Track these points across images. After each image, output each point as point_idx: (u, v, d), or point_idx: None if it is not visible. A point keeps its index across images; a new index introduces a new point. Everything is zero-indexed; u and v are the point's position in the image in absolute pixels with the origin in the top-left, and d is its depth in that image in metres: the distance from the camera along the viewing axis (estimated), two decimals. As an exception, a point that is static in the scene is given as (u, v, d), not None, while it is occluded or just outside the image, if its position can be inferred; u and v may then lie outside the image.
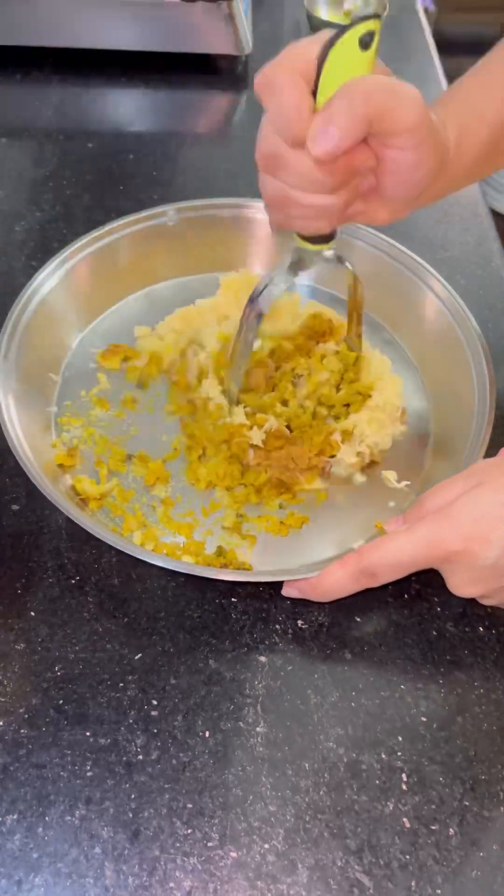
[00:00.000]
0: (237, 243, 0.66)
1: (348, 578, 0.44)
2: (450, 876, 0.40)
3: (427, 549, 0.41)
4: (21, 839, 0.40)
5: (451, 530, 0.41)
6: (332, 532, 0.53)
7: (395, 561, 0.42)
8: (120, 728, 0.44)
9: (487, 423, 0.52)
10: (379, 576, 0.43)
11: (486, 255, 0.70)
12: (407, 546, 0.42)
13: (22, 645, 0.46)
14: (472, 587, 0.43)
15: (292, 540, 0.52)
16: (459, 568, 0.42)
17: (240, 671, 0.46)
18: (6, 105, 0.83)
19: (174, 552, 0.50)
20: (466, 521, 0.41)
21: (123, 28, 0.82)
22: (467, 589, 0.43)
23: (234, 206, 0.65)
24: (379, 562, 0.43)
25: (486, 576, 0.41)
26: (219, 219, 0.65)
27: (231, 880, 0.39)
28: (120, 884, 0.39)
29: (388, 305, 0.64)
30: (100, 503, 0.53)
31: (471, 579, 0.42)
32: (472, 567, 0.41)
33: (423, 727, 0.44)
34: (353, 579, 0.44)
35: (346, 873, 0.40)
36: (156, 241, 0.64)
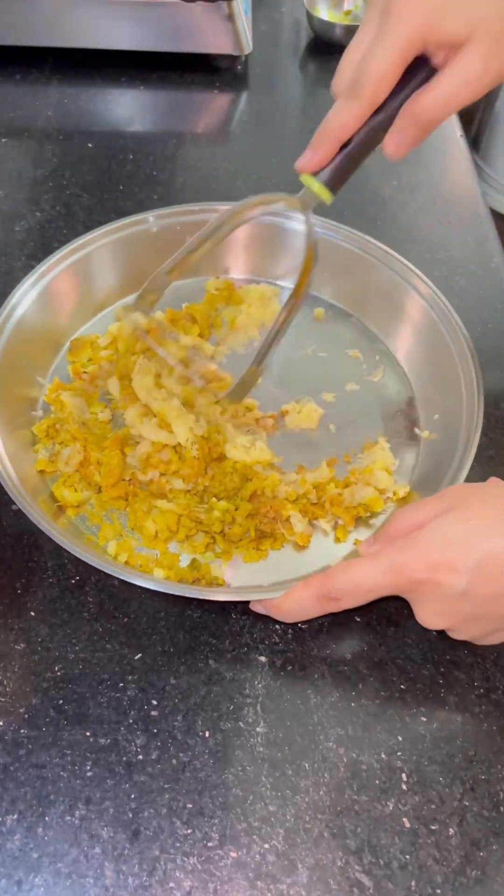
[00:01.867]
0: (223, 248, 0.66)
1: (311, 601, 0.43)
2: (450, 876, 0.40)
3: (391, 577, 0.40)
4: (21, 839, 0.40)
5: (416, 558, 0.39)
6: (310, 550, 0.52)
7: (359, 587, 0.41)
8: (120, 728, 0.44)
9: (476, 424, 0.52)
10: (342, 601, 0.43)
11: (486, 255, 0.70)
12: (371, 572, 0.41)
13: (22, 645, 0.46)
14: (439, 619, 0.41)
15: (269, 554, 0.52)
16: (425, 598, 0.41)
17: (240, 671, 0.46)
18: (6, 105, 0.83)
19: (147, 564, 0.50)
20: (432, 549, 0.39)
21: (123, 28, 0.82)
22: (434, 621, 0.42)
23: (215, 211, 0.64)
24: (342, 587, 0.42)
25: (452, 607, 0.40)
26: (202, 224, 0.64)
27: (231, 880, 0.39)
28: (120, 884, 0.39)
29: (371, 305, 0.64)
30: (77, 511, 0.52)
31: (437, 610, 0.41)
32: (439, 597, 0.40)
33: (423, 727, 0.44)
34: (316, 602, 0.43)
35: (346, 873, 0.40)
36: (137, 249, 0.63)
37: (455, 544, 0.39)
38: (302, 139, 0.57)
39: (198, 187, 0.75)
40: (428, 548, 0.39)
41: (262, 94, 0.87)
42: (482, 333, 0.62)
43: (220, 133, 0.84)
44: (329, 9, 0.94)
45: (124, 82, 0.86)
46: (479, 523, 0.39)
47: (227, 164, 0.77)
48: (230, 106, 0.86)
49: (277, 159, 0.78)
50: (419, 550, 0.40)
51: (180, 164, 0.78)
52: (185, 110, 0.85)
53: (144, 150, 0.78)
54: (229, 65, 0.88)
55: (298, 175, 0.46)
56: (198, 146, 0.81)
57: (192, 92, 0.86)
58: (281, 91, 0.88)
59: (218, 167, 0.77)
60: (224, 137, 0.83)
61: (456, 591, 0.39)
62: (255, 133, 0.82)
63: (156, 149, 0.79)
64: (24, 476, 0.51)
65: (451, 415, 0.55)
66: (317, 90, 0.89)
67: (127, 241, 0.63)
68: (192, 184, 0.76)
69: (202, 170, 0.77)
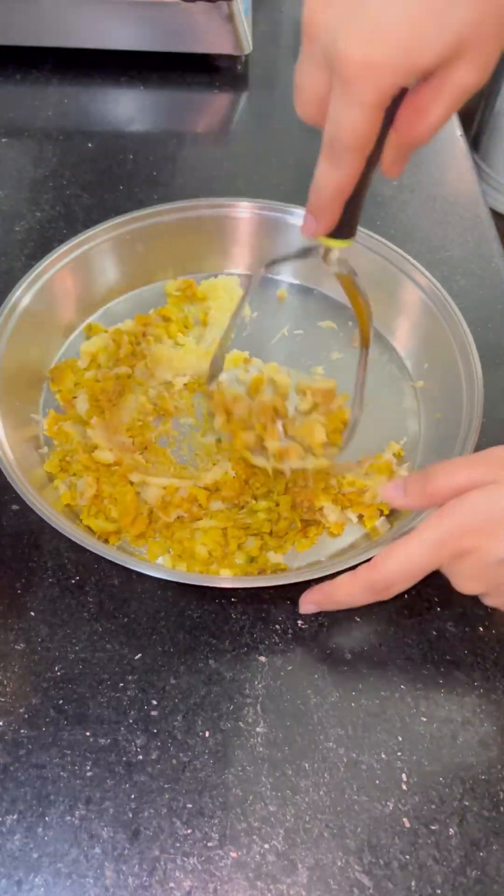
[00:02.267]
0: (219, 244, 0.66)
1: (361, 592, 0.43)
2: (450, 876, 0.40)
3: (437, 549, 0.40)
4: (21, 839, 0.40)
5: (461, 526, 0.40)
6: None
7: (407, 569, 0.42)
8: (120, 728, 0.44)
9: (476, 416, 0.52)
10: (392, 588, 0.43)
11: (486, 255, 0.70)
12: (416, 551, 0.41)
13: (22, 645, 0.46)
14: (476, 583, 0.42)
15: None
16: (466, 564, 0.41)
17: (240, 671, 0.46)
18: (6, 105, 0.83)
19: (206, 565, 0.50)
20: (478, 517, 0.40)
21: (123, 28, 0.82)
22: (471, 584, 0.42)
23: (215, 206, 0.64)
24: (390, 574, 0.42)
25: (490, 573, 0.41)
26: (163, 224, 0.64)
27: (231, 880, 0.39)
28: (120, 884, 0.39)
29: (383, 310, 0.63)
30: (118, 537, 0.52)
31: (475, 575, 0.41)
32: (479, 563, 0.40)
33: (422, 727, 0.44)
34: (368, 593, 0.43)
35: (346, 873, 0.40)
36: (139, 245, 0.64)
37: (499, 513, 0.39)
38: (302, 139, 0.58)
39: (198, 187, 0.75)
40: (473, 515, 0.40)
41: (262, 94, 0.87)
42: (482, 333, 0.62)
43: (220, 133, 0.84)
44: (329, 9, 0.94)
45: (124, 82, 0.86)
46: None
47: (227, 164, 0.77)
48: (230, 106, 0.86)
49: (277, 159, 0.78)
50: (463, 518, 0.40)
51: (180, 164, 0.78)
52: (185, 110, 0.85)
53: (144, 150, 0.78)
54: (229, 65, 0.88)
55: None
56: (198, 146, 0.81)
57: (192, 92, 0.86)
58: (281, 91, 0.88)
59: (218, 167, 0.77)
60: (224, 137, 0.83)
61: (495, 558, 0.39)
62: (255, 133, 0.82)
63: (156, 149, 0.79)
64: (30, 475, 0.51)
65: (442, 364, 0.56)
66: (317, 90, 0.89)
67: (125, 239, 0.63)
68: (192, 184, 0.76)
69: (202, 170, 0.77)
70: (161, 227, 0.64)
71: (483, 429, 0.52)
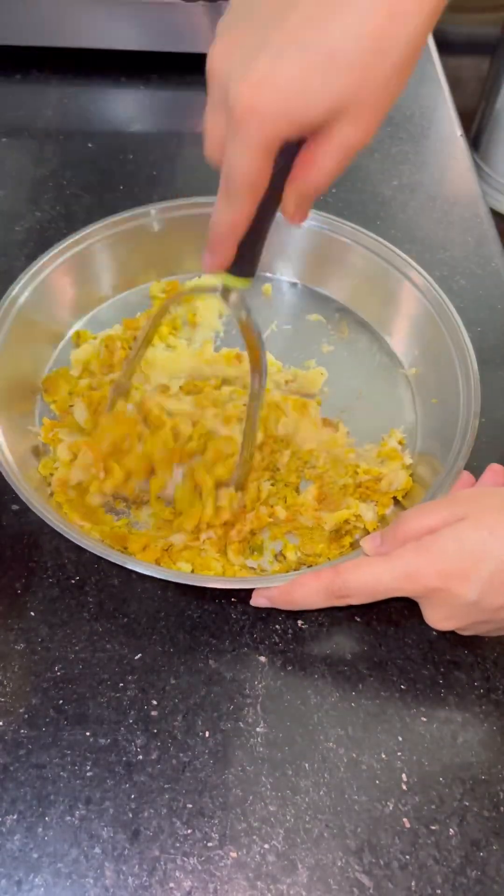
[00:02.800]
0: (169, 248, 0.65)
1: (320, 593, 0.44)
2: (450, 876, 0.40)
3: (404, 582, 0.41)
4: (21, 839, 0.40)
5: (431, 565, 0.40)
6: None
7: (371, 588, 0.42)
8: (120, 728, 0.44)
9: (473, 416, 0.52)
10: (351, 598, 0.43)
11: (486, 255, 0.70)
12: (385, 575, 0.41)
13: (22, 645, 0.46)
14: (449, 622, 0.42)
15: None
16: (436, 603, 0.41)
17: (240, 671, 0.46)
18: (6, 105, 0.83)
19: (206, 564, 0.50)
20: (447, 558, 0.40)
21: (123, 28, 0.82)
22: (444, 623, 0.43)
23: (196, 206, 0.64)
24: (354, 585, 0.42)
25: (463, 612, 0.41)
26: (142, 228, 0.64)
27: (231, 880, 0.39)
28: (120, 884, 0.39)
29: (368, 299, 0.64)
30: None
31: (448, 615, 0.42)
32: (450, 604, 0.41)
33: (423, 727, 0.44)
34: (325, 595, 0.44)
35: (346, 873, 0.40)
36: (134, 244, 0.63)
37: (469, 554, 0.39)
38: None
39: (198, 187, 0.75)
40: (442, 556, 0.40)
41: (262, 94, 0.86)
42: (482, 334, 0.62)
43: (220, 133, 0.83)
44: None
45: (124, 82, 0.86)
46: (494, 533, 0.40)
47: (227, 164, 0.77)
48: (230, 106, 0.86)
49: (277, 159, 0.78)
50: (433, 558, 0.40)
51: (180, 164, 0.78)
52: (185, 110, 0.85)
53: (144, 150, 0.78)
54: (229, 65, 0.88)
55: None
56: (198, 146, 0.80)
57: (192, 92, 0.86)
58: (281, 91, 0.88)
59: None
60: (224, 137, 0.83)
61: (467, 600, 0.40)
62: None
63: (156, 149, 0.79)
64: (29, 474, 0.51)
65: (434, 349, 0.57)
66: (317, 90, 0.89)
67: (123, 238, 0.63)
68: (192, 184, 0.76)
69: (202, 170, 0.76)
70: (142, 229, 0.63)
71: (482, 428, 0.52)
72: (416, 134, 0.82)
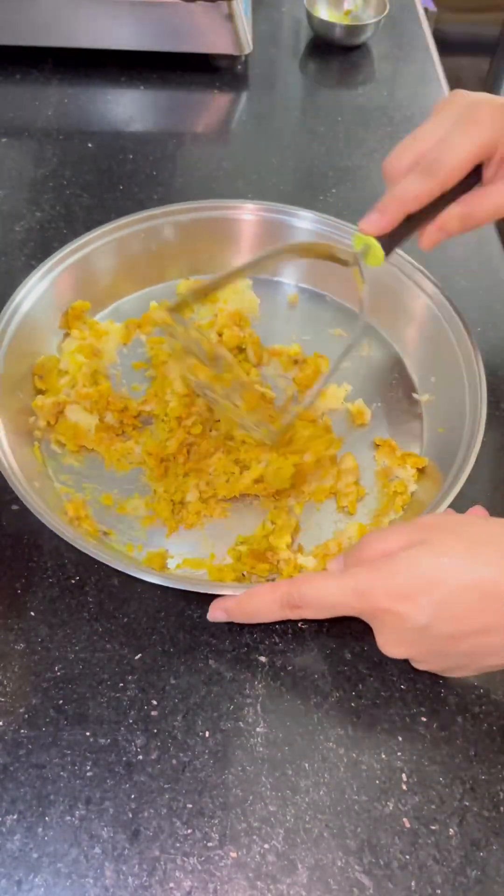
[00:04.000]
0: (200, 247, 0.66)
1: (275, 604, 0.43)
2: (450, 876, 0.40)
3: (353, 599, 0.40)
4: (21, 839, 0.40)
5: (381, 586, 0.39)
6: None
7: (322, 601, 0.41)
8: (120, 728, 0.44)
9: (482, 398, 0.52)
10: (304, 610, 0.42)
11: (486, 255, 0.70)
12: (335, 590, 0.40)
13: (22, 645, 0.46)
14: (399, 648, 0.41)
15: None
16: (387, 626, 0.40)
17: (240, 671, 0.46)
18: (6, 105, 0.83)
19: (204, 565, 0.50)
20: (398, 579, 0.39)
21: (123, 28, 0.82)
22: (394, 650, 0.41)
23: (221, 208, 0.64)
24: (306, 596, 0.41)
25: (413, 639, 0.40)
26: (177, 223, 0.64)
27: (231, 880, 0.39)
28: (120, 884, 0.39)
29: (394, 322, 0.63)
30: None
31: (397, 640, 0.40)
32: (399, 628, 0.39)
33: (422, 727, 0.44)
34: (279, 607, 0.43)
35: (346, 873, 0.40)
36: (140, 247, 0.63)
37: (421, 578, 0.38)
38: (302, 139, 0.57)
39: (198, 187, 0.75)
40: (394, 577, 0.39)
41: (262, 94, 0.87)
42: (482, 333, 0.62)
43: (220, 133, 0.84)
44: (329, 8, 0.94)
45: (124, 82, 0.86)
46: (450, 560, 0.38)
47: (227, 164, 0.77)
48: (230, 106, 0.86)
49: (277, 159, 0.78)
50: (384, 578, 0.39)
51: (180, 164, 0.78)
52: (185, 110, 0.85)
53: (144, 150, 0.78)
54: (229, 65, 0.88)
55: (357, 232, 0.48)
56: (198, 146, 0.81)
57: (192, 92, 0.86)
58: (281, 91, 0.88)
59: (218, 167, 0.77)
60: (224, 137, 0.83)
61: (417, 624, 0.38)
62: (255, 133, 0.82)
63: (156, 149, 0.79)
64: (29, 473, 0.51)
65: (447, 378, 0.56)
66: (316, 90, 0.89)
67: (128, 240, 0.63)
68: (192, 184, 0.76)
69: (202, 170, 0.77)
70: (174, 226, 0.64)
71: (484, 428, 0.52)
72: (416, 134, 0.82)
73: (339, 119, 0.83)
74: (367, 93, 0.87)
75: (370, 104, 0.86)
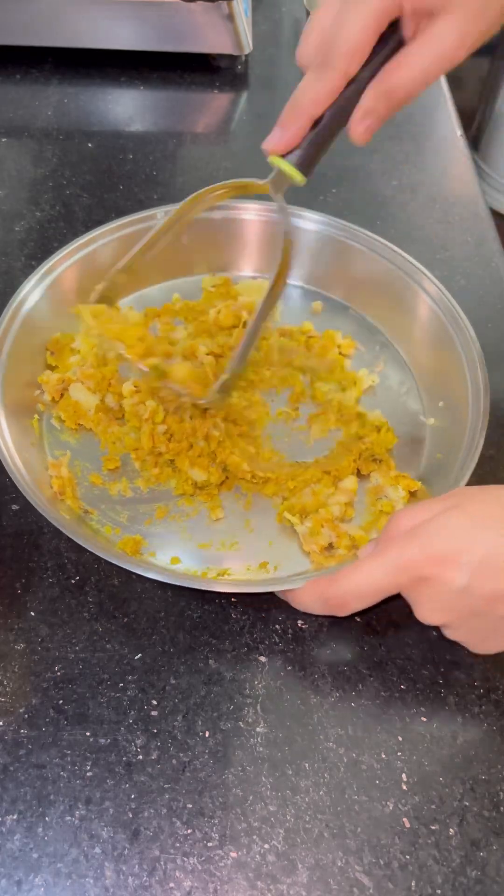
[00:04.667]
0: (227, 244, 0.66)
1: (318, 604, 0.43)
2: (450, 876, 0.40)
3: (395, 575, 0.40)
4: (21, 839, 0.40)
5: (421, 552, 0.39)
6: None
7: (364, 589, 0.41)
8: (120, 728, 0.44)
9: (482, 428, 0.51)
10: (347, 607, 0.42)
11: (486, 255, 0.70)
12: (376, 572, 0.40)
13: (22, 645, 0.46)
14: (438, 614, 0.41)
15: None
16: (427, 593, 0.40)
17: (240, 671, 0.46)
18: (6, 105, 0.83)
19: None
20: (436, 543, 0.38)
21: (123, 28, 0.82)
22: (433, 616, 0.41)
23: (223, 208, 0.64)
24: (346, 593, 0.41)
25: (453, 602, 0.39)
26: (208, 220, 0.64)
27: (231, 880, 0.39)
28: (120, 884, 0.39)
29: (382, 307, 0.64)
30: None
31: (437, 605, 0.40)
32: (440, 592, 0.39)
33: (423, 727, 0.44)
34: (322, 606, 0.43)
35: (346, 873, 0.40)
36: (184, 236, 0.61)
37: (459, 539, 0.38)
38: (302, 139, 0.55)
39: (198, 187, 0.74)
40: (431, 542, 0.39)
41: (262, 94, 0.87)
42: (482, 333, 0.62)
43: (220, 133, 0.84)
44: (329, 9, 0.94)
45: (124, 82, 0.86)
46: (484, 520, 0.39)
47: (227, 164, 0.77)
48: (230, 106, 0.86)
49: (277, 159, 0.78)
50: (422, 545, 0.39)
51: (180, 164, 0.78)
52: (185, 110, 0.85)
53: (144, 150, 0.78)
54: (229, 65, 0.88)
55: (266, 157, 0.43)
56: (198, 146, 0.81)
57: (192, 92, 0.86)
58: (281, 91, 0.88)
59: (218, 167, 0.77)
60: (224, 137, 0.83)
61: (457, 586, 0.38)
62: (255, 133, 0.82)
63: (156, 149, 0.79)
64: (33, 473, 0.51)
65: (455, 405, 0.55)
66: (317, 90, 0.89)
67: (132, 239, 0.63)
68: (192, 184, 0.76)
69: (202, 170, 0.77)
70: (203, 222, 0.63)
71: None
72: (416, 134, 0.82)
73: (339, 119, 0.83)
74: (367, 93, 0.87)
75: (370, 104, 0.86)
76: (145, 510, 0.53)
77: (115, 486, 0.53)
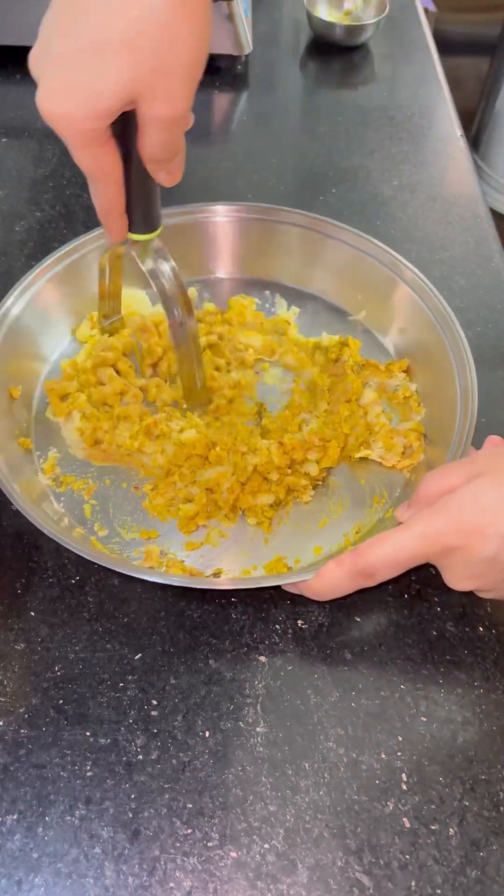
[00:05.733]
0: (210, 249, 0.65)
1: (345, 578, 0.44)
2: (450, 876, 0.40)
3: (425, 545, 0.41)
4: (21, 839, 0.40)
5: (450, 523, 0.40)
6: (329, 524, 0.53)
7: (393, 559, 0.42)
8: (120, 728, 0.44)
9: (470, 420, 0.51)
10: (377, 575, 0.43)
11: (486, 255, 0.70)
12: (405, 543, 0.41)
13: (22, 645, 0.46)
14: (470, 581, 0.42)
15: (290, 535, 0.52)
16: (457, 562, 0.41)
17: (240, 671, 0.46)
18: (6, 105, 0.83)
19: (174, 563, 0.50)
20: (465, 515, 0.40)
21: (123, 28, 0.82)
22: (465, 583, 0.43)
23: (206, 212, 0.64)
24: (376, 561, 0.42)
25: (483, 570, 0.41)
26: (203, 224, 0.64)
27: (231, 880, 0.39)
28: (120, 884, 0.39)
29: (364, 301, 0.63)
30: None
31: (468, 574, 0.42)
32: (470, 561, 0.41)
33: (423, 727, 0.44)
34: (350, 579, 0.44)
35: (346, 873, 0.40)
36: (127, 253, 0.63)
37: (487, 510, 0.40)
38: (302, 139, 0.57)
39: (198, 187, 0.75)
40: (459, 513, 0.40)
41: (262, 94, 0.87)
42: (482, 333, 0.62)
43: (220, 133, 0.83)
44: (329, 9, 0.94)
45: (124, 82, 0.86)
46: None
47: (227, 164, 0.77)
48: (230, 106, 0.86)
49: (277, 159, 0.78)
50: (451, 516, 0.40)
51: (180, 164, 0.78)
52: (185, 110, 0.85)
53: (144, 150, 0.78)
54: (229, 65, 0.88)
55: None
56: (198, 146, 0.81)
57: (192, 92, 0.86)
58: (281, 91, 0.88)
59: (218, 167, 0.77)
60: (224, 137, 0.83)
61: (486, 556, 0.40)
62: (255, 133, 0.82)
63: (156, 149, 0.79)
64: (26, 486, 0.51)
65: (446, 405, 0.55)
66: (317, 90, 0.89)
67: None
68: (192, 184, 0.75)
69: (202, 170, 0.77)
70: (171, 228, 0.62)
71: (482, 429, 0.52)
72: (416, 134, 0.82)
73: (339, 119, 0.84)
74: (367, 93, 0.88)
75: (370, 104, 0.86)
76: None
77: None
